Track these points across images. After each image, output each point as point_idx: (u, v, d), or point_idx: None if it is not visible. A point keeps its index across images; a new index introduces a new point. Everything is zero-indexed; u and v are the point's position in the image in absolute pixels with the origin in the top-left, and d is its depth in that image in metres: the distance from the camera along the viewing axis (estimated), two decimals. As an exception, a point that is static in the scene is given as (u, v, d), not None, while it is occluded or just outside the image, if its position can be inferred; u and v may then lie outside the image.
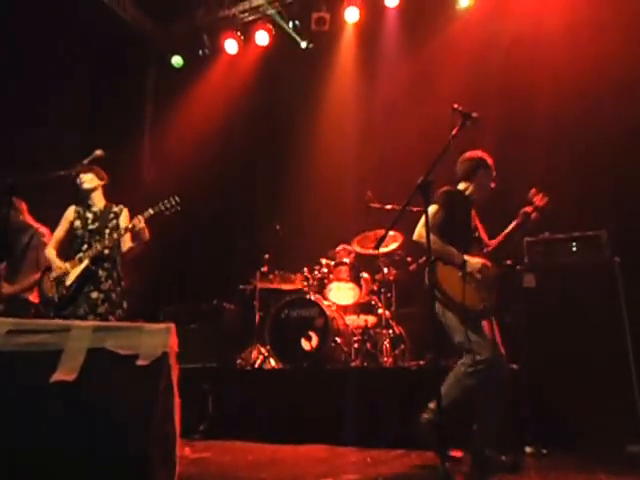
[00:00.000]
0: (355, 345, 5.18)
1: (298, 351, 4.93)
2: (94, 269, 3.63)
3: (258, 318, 5.52)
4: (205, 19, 7.12)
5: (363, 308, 5.50)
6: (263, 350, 5.29)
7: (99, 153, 3.56)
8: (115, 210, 3.90)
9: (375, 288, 5.43)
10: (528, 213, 3.43)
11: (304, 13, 6.71)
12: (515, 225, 3.45)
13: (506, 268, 3.58)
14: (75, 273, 3.60)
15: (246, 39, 7.13)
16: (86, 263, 3.60)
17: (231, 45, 7.14)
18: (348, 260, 5.52)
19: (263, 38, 7.01)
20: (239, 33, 7.09)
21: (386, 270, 5.31)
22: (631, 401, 3.48)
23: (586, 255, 4.02)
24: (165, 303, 5.64)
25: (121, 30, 6.94)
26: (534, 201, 3.44)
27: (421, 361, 4.90)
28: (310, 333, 4.94)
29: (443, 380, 3.99)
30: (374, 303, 5.44)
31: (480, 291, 3.20)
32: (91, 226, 3.77)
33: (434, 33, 6.22)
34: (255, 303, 5.58)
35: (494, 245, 3.49)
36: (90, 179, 3.85)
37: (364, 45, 6.85)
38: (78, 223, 3.80)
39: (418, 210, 3.93)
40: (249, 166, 7.11)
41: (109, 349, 1.56)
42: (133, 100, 7.54)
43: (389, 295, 5.38)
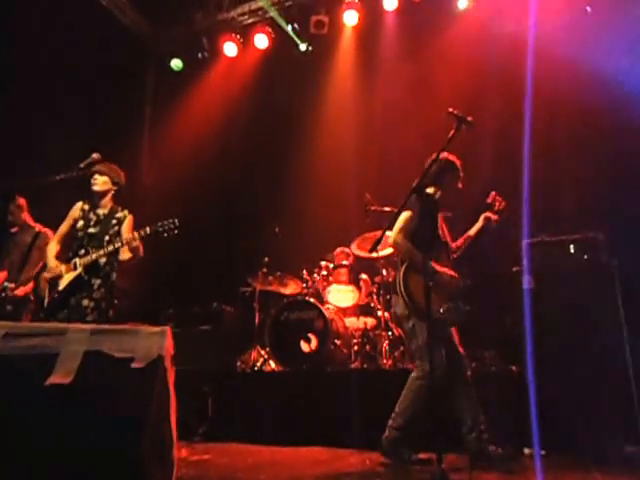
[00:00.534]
0: (354, 347, 5.19)
1: (297, 353, 4.94)
2: (86, 277, 3.59)
3: (258, 320, 5.53)
4: (204, 22, 7.14)
5: (362, 310, 5.52)
6: (263, 352, 5.30)
7: (96, 157, 3.56)
8: (119, 216, 3.85)
9: (374, 290, 5.45)
10: (489, 217, 3.60)
11: (303, 16, 6.73)
12: (478, 229, 3.63)
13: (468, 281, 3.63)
14: (68, 279, 3.57)
15: (245, 42, 7.16)
16: (79, 271, 3.57)
17: (230, 48, 7.17)
18: (347, 262, 5.54)
19: (262, 41, 7.04)
20: (238, 36, 7.12)
21: (385, 272, 5.32)
22: (629, 402, 3.48)
23: (584, 257, 4.03)
24: (165, 306, 5.64)
25: (120, 33, 6.97)
26: (494, 205, 3.61)
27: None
28: (309, 335, 4.95)
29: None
30: (373, 305, 5.45)
31: (445, 302, 3.32)
32: (92, 230, 3.74)
33: (432, 36, 6.26)
34: (255, 305, 5.59)
35: (459, 250, 3.60)
36: (103, 182, 3.81)
37: (363, 48, 6.88)
38: (81, 223, 3.77)
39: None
40: (248, 169, 7.13)
41: (105, 352, 1.58)
42: (132, 103, 7.56)
43: (388, 297, 5.37)
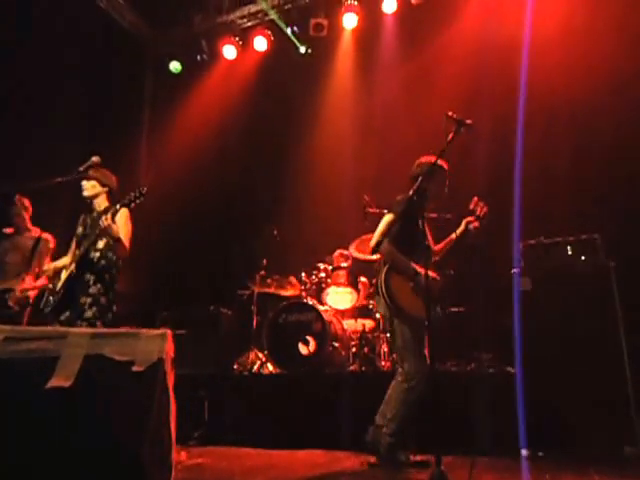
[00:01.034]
0: (353, 349, 5.20)
1: (296, 356, 4.94)
2: (79, 274, 3.57)
3: (255, 323, 5.53)
4: (203, 25, 7.16)
5: (361, 312, 5.52)
6: (260, 355, 5.30)
7: (95, 160, 3.56)
8: (112, 211, 3.74)
9: (373, 292, 5.45)
10: (471, 222, 3.61)
11: (302, 19, 6.76)
12: (459, 233, 3.64)
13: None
14: (62, 278, 3.59)
15: (244, 45, 7.18)
16: (71, 269, 3.57)
17: (229, 51, 7.19)
18: (346, 264, 5.55)
19: (261, 44, 7.06)
20: (237, 39, 7.13)
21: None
22: (626, 403, 3.50)
23: (581, 258, 4.05)
24: (162, 308, 5.63)
25: (119, 36, 6.98)
26: (475, 211, 3.60)
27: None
28: (308, 338, 4.95)
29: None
30: (372, 307, 5.46)
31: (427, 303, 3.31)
32: (85, 232, 3.77)
33: (431, 39, 6.28)
34: (253, 308, 5.59)
35: (440, 252, 3.64)
36: (91, 186, 3.80)
37: (362, 51, 6.91)
38: (80, 230, 3.81)
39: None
40: (247, 171, 7.14)
41: (106, 355, 1.58)
42: (131, 105, 7.57)
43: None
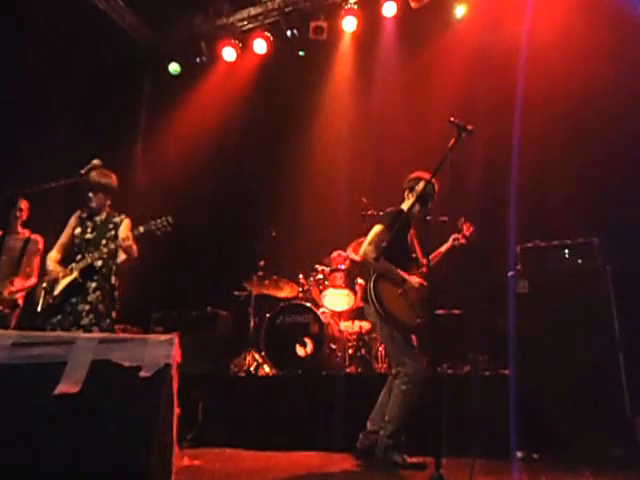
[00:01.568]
0: (350, 351, 5.22)
1: (293, 357, 4.97)
2: (81, 281, 3.59)
3: (253, 324, 5.54)
4: (203, 27, 7.16)
5: (358, 314, 5.53)
6: (257, 356, 5.31)
7: (96, 163, 3.56)
8: (116, 220, 3.85)
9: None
10: (457, 239, 3.94)
11: (302, 22, 6.77)
12: (446, 249, 3.93)
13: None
14: (63, 283, 3.57)
15: (244, 47, 7.19)
16: (75, 275, 3.57)
17: (229, 53, 7.20)
18: (343, 266, 5.57)
19: (261, 46, 7.07)
20: (237, 41, 7.14)
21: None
22: (622, 405, 3.54)
23: (578, 262, 4.09)
24: (159, 310, 5.64)
25: (118, 37, 6.98)
26: (463, 229, 3.97)
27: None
28: (305, 339, 4.98)
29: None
30: (368, 310, 5.48)
31: (415, 308, 3.52)
32: (88, 235, 3.75)
33: (430, 43, 6.32)
34: (250, 309, 5.60)
35: (429, 263, 3.71)
36: (99, 199, 3.80)
37: (361, 54, 6.93)
38: (78, 230, 3.78)
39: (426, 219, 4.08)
40: (245, 172, 7.15)
41: (113, 361, 1.60)
42: (129, 106, 7.57)
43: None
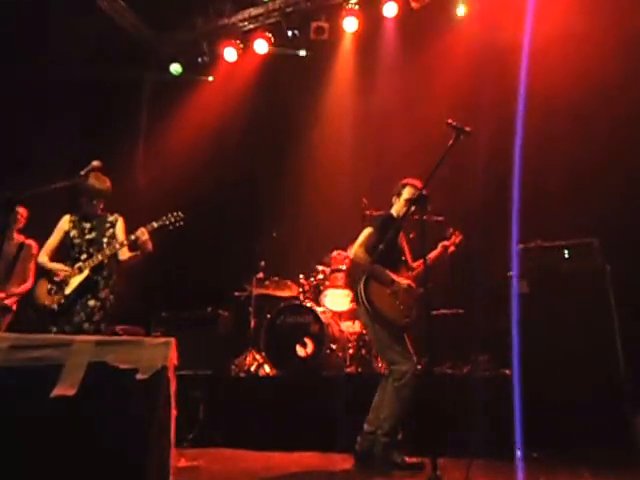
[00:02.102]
0: (350, 351, 5.22)
1: (293, 357, 4.97)
2: (94, 278, 3.65)
3: (253, 324, 5.55)
4: (204, 27, 7.16)
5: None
6: (258, 356, 5.32)
7: (96, 164, 3.58)
8: (110, 219, 3.90)
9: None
10: (446, 246, 4.00)
11: (303, 22, 6.77)
12: (435, 255, 3.97)
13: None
14: (75, 282, 3.60)
15: (245, 47, 7.19)
16: (87, 273, 3.62)
17: (230, 53, 7.20)
18: (344, 266, 5.57)
19: (262, 47, 7.07)
20: (238, 41, 7.14)
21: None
22: (621, 404, 3.56)
23: (578, 262, 4.10)
24: (160, 310, 5.64)
25: (120, 37, 6.99)
26: (452, 237, 4.04)
27: (418, 366, 4.93)
28: (305, 339, 4.98)
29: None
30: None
31: (405, 308, 3.60)
32: (89, 236, 3.78)
33: (431, 43, 6.31)
34: (250, 309, 5.61)
35: (417, 269, 3.86)
36: (97, 204, 3.87)
37: (362, 54, 6.93)
38: (75, 233, 3.80)
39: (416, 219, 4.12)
40: (245, 173, 7.15)
41: (110, 363, 1.62)
42: (130, 106, 7.59)
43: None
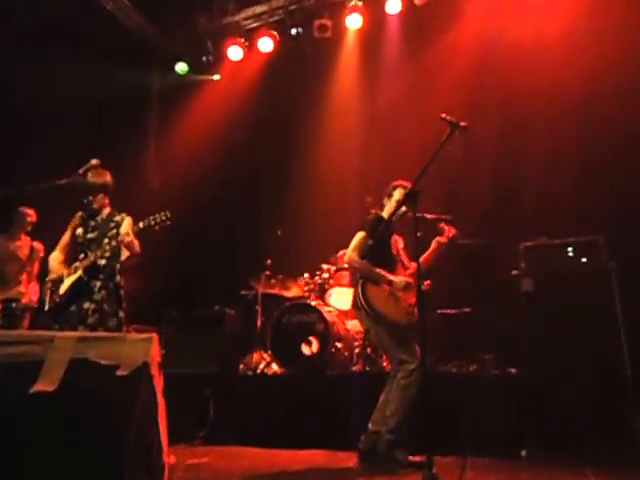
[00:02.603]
0: (356, 350, 5.20)
1: (299, 356, 4.96)
2: (86, 279, 3.63)
3: (260, 323, 5.55)
4: (209, 26, 7.18)
5: (364, 313, 5.51)
6: (265, 355, 5.33)
7: (94, 162, 3.60)
8: (117, 219, 3.88)
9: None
10: (440, 241, 3.94)
11: (306, 20, 6.75)
12: (431, 251, 3.93)
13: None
14: (68, 282, 3.61)
15: (250, 46, 7.19)
16: (79, 273, 3.62)
17: (235, 52, 7.21)
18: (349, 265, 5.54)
19: (266, 45, 7.07)
20: (243, 40, 7.15)
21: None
22: (626, 404, 3.50)
23: (583, 260, 4.03)
24: (167, 309, 5.68)
25: (126, 37, 7.04)
26: (444, 232, 3.96)
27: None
28: (310, 338, 4.97)
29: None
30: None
31: (405, 306, 3.59)
32: (90, 235, 3.79)
33: (435, 39, 6.26)
34: (257, 308, 5.61)
35: (414, 267, 3.82)
36: (99, 199, 3.85)
37: (366, 51, 6.89)
38: (80, 230, 3.82)
39: (417, 216, 4.10)
40: (252, 172, 7.18)
41: (91, 359, 1.61)
42: (139, 106, 7.64)
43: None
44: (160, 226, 3.56)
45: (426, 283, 3.85)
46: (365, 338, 5.22)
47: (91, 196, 3.79)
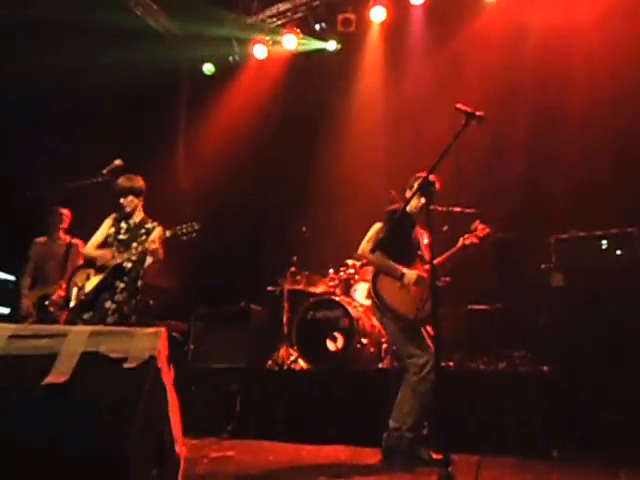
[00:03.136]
0: (383, 346, 5.16)
1: (324, 352, 4.96)
2: (110, 280, 3.71)
3: (286, 319, 5.57)
4: (234, 26, 7.24)
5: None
6: (292, 351, 5.34)
7: (118, 163, 3.67)
8: (148, 226, 3.93)
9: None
10: (472, 242, 3.83)
11: (330, 15, 6.74)
12: (456, 249, 3.84)
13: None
14: (95, 281, 3.70)
15: (274, 44, 7.23)
16: (105, 273, 3.70)
17: (260, 50, 7.26)
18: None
19: (291, 42, 7.08)
20: (267, 38, 7.19)
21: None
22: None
23: (617, 253, 3.89)
24: (196, 305, 5.77)
25: (154, 40, 7.17)
26: (476, 231, 3.85)
27: (450, 362, 4.82)
28: (335, 334, 4.96)
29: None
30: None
31: (416, 301, 3.51)
32: (122, 236, 3.87)
33: (461, 27, 6.14)
34: (284, 304, 5.63)
35: (436, 264, 3.66)
36: (130, 201, 3.92)
37: (391, 44, 6.82)
38: (112, 231, 3.91)
39: (442, 209, 4.03)
40: (278, 168, 7.20)
41: (101, 352, 1.64)
42: (168, 108, 7.78)
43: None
44: (187, 237, 3.59)
45: (444, 280, 3.79)
46: (391, 334, 5.19)
47: (122, 198, 3.88)
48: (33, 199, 3.40)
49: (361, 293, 5.39)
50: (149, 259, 3.78)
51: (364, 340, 5.03)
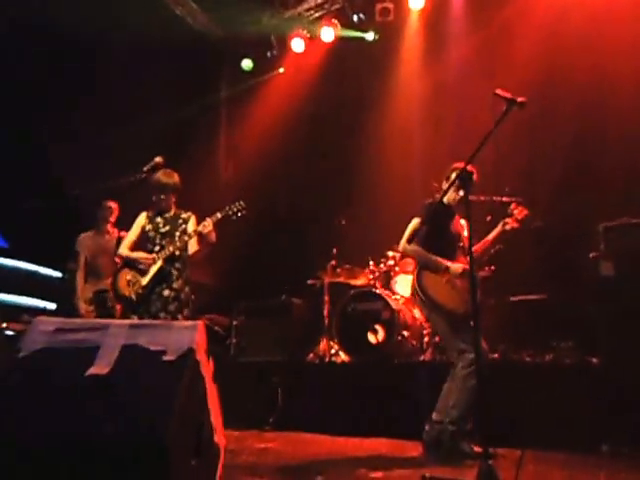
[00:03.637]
0: (425, 338, 5.11)
1: (365, 345, 4.96)
2: (167, 269, 3.83)
3: (327, 312, 5.59)
4: (271, 21, 7.28)
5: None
6: (333, 344, 5.36)
7: (159, 160, 3.75)
8: (184, 217, 4.04)
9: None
10: (508, 223, 3.71)
11: (368, 5, 6.67)
12: (496, 234, 3.75)
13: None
14: (151, 273, 3.79)
15: (312, 36, 7.21)
16: (160, 263, 3.80)
17: (298, 44, 7.26)
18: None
19: (328, 34, 7.05)
20: (305, 31, 7.18)
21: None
22: None
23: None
24: (238, 300, 5.86)
25: (194, 38, 7.29)
26: (515, 214, 3.72)
27: (495, 354, 4.73)
28: (376, 327, 4.94)
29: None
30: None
31: (463, 294, 3.41)
32: (163, 229, 3.97)
33: (503, 12, 5.93)
34: (324, 297, 5.65)
35: (477, 252, 3.65)
36: (169, 197, 4.00)
37: (430, 31, 6.68)
38: (150, 227, 4.00)
39: (485, 199, 3.94)
40: (318, 161, 7.20)
41: (141, 345, 1.70)
42: (209, 103, 7.92)
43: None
44: (237, 216, 3.69)
45: (488, 269, 3.70)
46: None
47: (163, 195, 3.96)
48: (78, 197, 3.53)
49: (402, 285, 5.34)
50: (193, 247, 3.86)
51: (405, 333, 5.00)
